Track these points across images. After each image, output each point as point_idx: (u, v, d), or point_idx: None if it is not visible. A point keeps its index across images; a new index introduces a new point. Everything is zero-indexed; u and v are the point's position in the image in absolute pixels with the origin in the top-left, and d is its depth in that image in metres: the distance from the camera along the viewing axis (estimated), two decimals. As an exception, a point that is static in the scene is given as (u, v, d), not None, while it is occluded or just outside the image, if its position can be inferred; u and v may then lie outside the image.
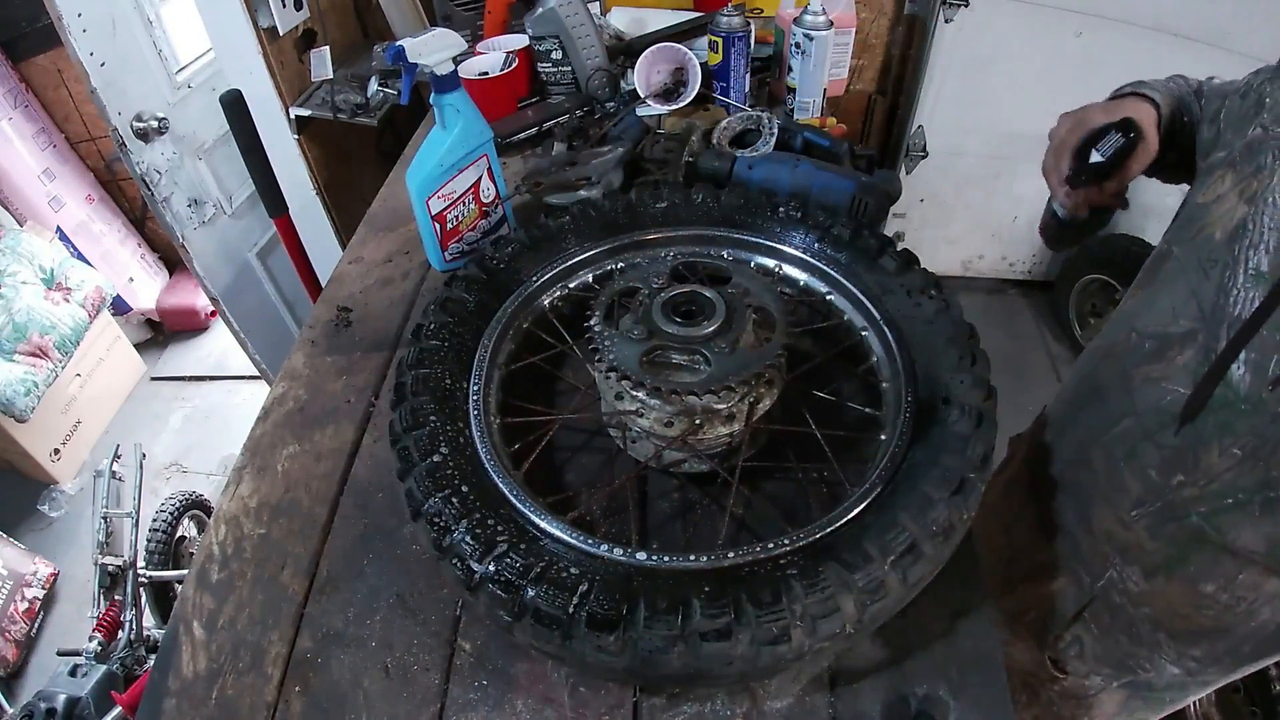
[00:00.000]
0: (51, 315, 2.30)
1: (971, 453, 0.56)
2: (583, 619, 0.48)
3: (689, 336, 0.65)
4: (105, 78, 1.51)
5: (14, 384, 2.14)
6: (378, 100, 1.61)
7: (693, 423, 0.66)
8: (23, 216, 2.48)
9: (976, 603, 0.63)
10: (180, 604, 0.68)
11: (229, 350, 2.68)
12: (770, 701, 0.58)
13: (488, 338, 0.73)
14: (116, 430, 2.58)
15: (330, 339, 0.94)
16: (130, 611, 1.51)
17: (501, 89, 1.31)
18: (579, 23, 1.28)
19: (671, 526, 0.69)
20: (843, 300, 0.77)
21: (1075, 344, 2.48)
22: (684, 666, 0.48)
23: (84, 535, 2.19)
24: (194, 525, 1.90)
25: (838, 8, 1.28)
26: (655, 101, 1.26)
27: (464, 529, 0.53)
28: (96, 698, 1.34)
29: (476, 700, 0.60)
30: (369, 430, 0.82)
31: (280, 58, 1.60)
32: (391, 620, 0.65)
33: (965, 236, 2.61)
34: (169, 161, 1.71)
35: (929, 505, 0.53)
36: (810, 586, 0.48)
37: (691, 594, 0.49)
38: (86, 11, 1.45)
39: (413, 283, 1.01)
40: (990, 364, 0.65)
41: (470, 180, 0.95)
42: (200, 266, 1.80)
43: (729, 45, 1.25)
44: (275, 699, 0.61)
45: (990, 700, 0.57)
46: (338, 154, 1.84)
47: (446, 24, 1.59)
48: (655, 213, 0.87)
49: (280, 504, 0.75)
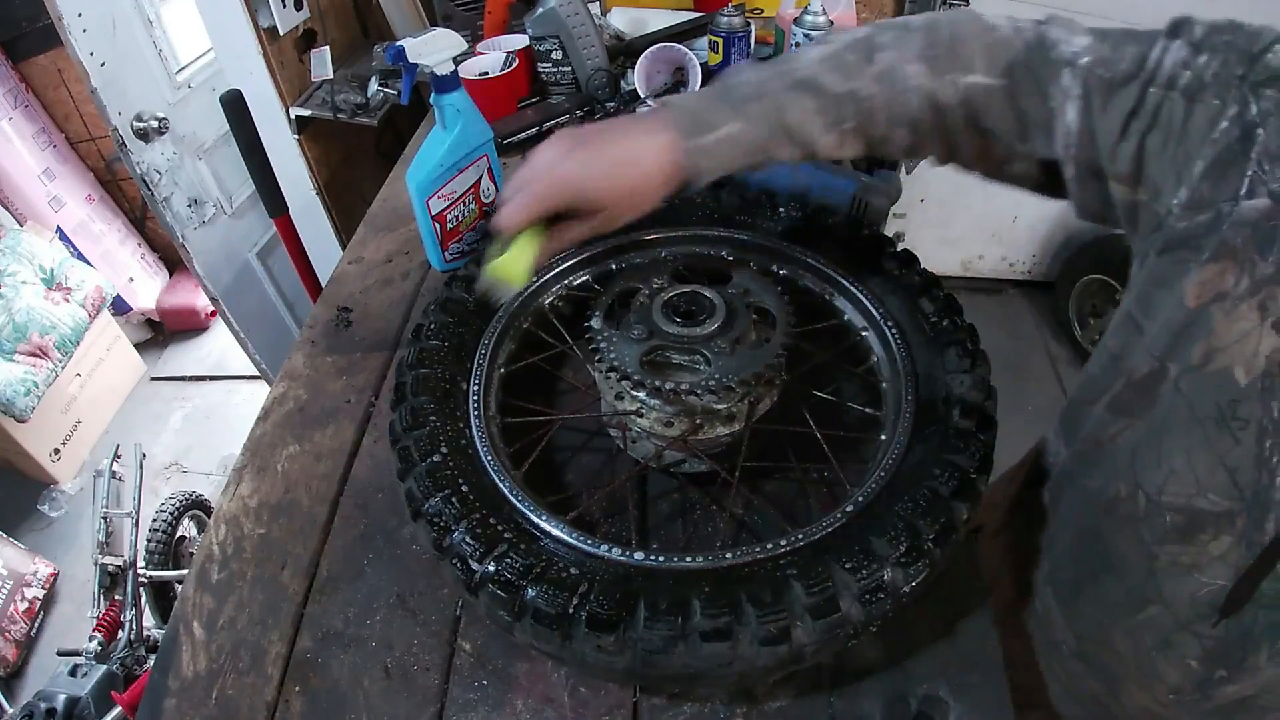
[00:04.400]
0: (51, 315, 2.30)
1: (972, 452, 0.56)
2: (583, 619, 0.48)
3: (689, 336, 0.65)
4: (105, 78, 1.51)
5: (14, 384, 2.14)
6: (378, 100, 1.61)
7: (693, 423, 0.66)
8: (23, 216, 2.48)
9: (976, 603, 0.63)
10: (180, 604, 0.68)
11: (229, 350, 2.68)
12: (770, 701, 0.58)
13: (488, 338, 0.73)
14: (116, 430, 2.58)
15: (330, 339, 0.94)
16: (130, 611, 1.51)
17: (502, 89, 1.31)
18: (579, 23, 1.28)
19: (671, 526, 0.69)
20: (843, 300, 0.77)
21: (1075, 344, 2.48)
22: (684, 666, 0.48)
23: (84, 535, 2.19)
24: (194, 525, 1.90)
25: (838, 8, 1.28)
26: (655, 102, 1.26)
27: (464, 529, 0.53)
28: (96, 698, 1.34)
29: (476, 700, 0.60)
30: (369, 430, 0.82)
31: (280, 58, 1.60)
32: (391, 620, 0.65)
33: (965, 236, 2.61)
34: (169, 161, 1.71)
35: (929, 505, 0.53)
36: (810, 586, 0.48)
37: (691, 594, 0.49)
38: (86, 11, 1.45)
39: (413, 283, 1.02)
40: (990, 364, 0.65)
41: (470, 180, 0.95)
42: (200, 266, 1.80)
43: (729, 45, 1.25)
44: (275, 699, 0.61)
45: (990, 700, 0.57)
46: (338, 154, 1.84)
47: (446, 24, 1.59)
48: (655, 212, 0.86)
49: (280, 504, 0.75)
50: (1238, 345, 0.47)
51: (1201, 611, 0.55)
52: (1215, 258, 0.48)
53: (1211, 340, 0.49)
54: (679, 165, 0.56)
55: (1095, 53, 0.53)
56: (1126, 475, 0.57)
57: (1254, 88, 0.46)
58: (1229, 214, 0.47)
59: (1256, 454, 0.48)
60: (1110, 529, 0.61)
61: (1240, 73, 0.47)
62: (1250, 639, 0.53)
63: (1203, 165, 0.48)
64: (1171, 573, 0.56)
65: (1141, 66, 0.50)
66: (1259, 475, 0.48)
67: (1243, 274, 0.46)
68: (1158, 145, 0.50)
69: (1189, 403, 0.51)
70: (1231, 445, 0.49)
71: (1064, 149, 0.55)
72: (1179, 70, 0.49)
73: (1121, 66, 0.51)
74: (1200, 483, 0.52)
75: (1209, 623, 0.55)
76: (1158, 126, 0.50)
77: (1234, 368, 0.48)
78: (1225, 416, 0.49)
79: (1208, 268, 0.48)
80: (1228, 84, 0.47)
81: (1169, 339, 0.52)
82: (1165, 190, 0.51)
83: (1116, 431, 0.59)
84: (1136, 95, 0.50)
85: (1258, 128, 0.45)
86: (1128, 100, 0.51)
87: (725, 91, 0.58)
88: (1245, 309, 0.47)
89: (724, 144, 0.56)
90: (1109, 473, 0.60)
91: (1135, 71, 0.50)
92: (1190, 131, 0.48)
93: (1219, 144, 0.47)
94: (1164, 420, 0.54)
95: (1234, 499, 0.50)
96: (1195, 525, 0.53)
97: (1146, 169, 0.51)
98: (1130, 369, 0.57)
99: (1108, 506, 0.60)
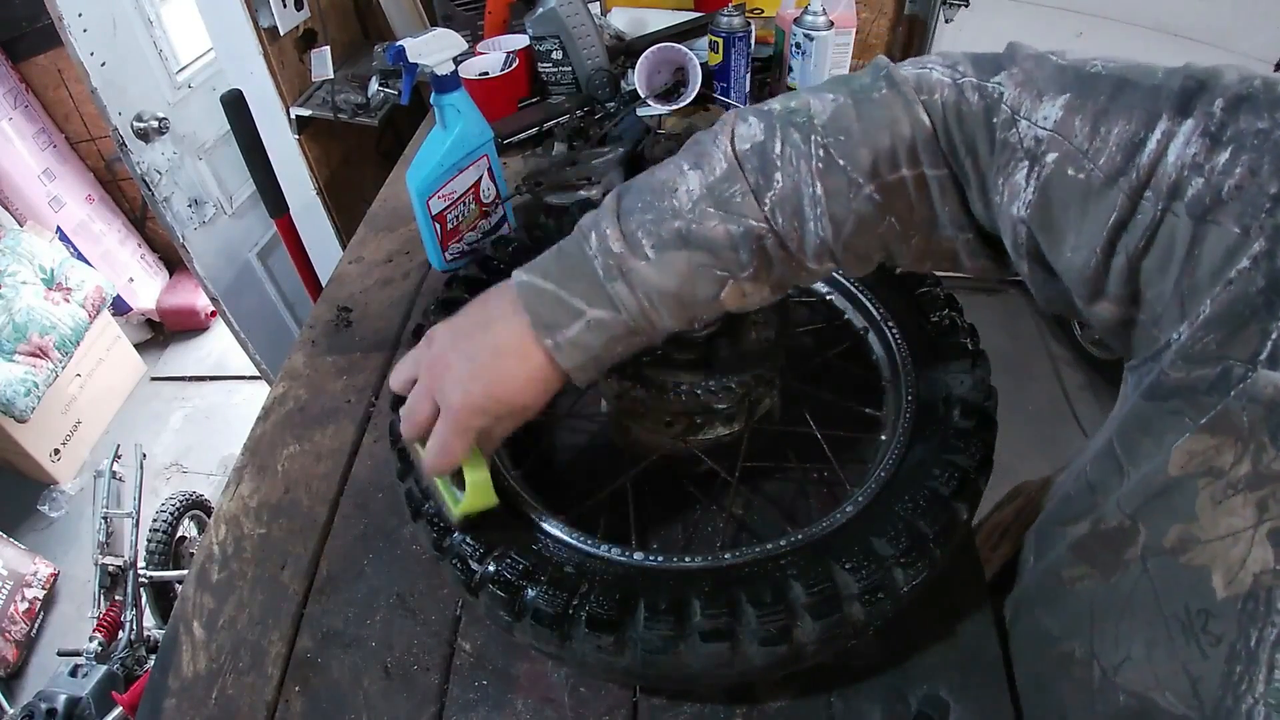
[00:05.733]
0: (51, 315, 2.30)
1: (972, 452, 0.56)
2: (583, 619, 0.48)
3: (689, 336, 0.65)
4: (105, 78, 1.51)
5: (14, 384, 2.14)
6: (378, 100, 1.61)
7: (693, 423, 0.66)
8: (23, 216, 2.48)
9: (976, 603, 0.63)
10: (180, 604, 0.68)
11: (229, 350, 2.68)
12: (770, 701, 0.58)
13: (488, 338, 0.73)
14: (116, 430, 2.58)
15: (330, 339, 0.94)
16: (130, 611, 1.51)
17: (502, 89, 1.31)
18: (579, 23, 1.28)
19: (671, 526, 0.69)
20: (843, 300, 0.77)
21: (1075, 344, 2.48)
22: (684, 666, 0.48)
23: (84, 535, 2.19)
24: (194, 525, 1.90)
25: (838, 8, 1.28)
26: (655, 102, 1.26)
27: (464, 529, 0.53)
28: (97, 698, 1.34)
29: (476, 700, 0.59)
30: (369, 430, 0.82)
31: (281, 58, 1.60)
32: (391, 620, 0.65)
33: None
34: (169, 161, 1.71)
35: (929, 505, 0.53)
36: (810, 586, 0.48)
37: (691, 594, 0.49)
38: (86, 11, 1.45)
39: (413, 283, 1.01)
40: (990, 364, 0.65)
41: (470, 180, 0.95)
42: (200, 266, 1.80)
43: (729, 45, 1.25)
44: (275, 699, 0.60)
45: (990, 700, 0.57)
46: (338, 154, 1.84)
47: (447, 24, 1.59)
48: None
49: (280, 504, 0.75)
50: (1220, 545, 0.37)
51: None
52: (1213, 428, 0.37)
53: (1192, 527, 0.38)
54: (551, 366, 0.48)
55: (1071, 137, 0.39)
56: (1083, 637, 0.49)
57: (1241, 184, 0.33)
58: (1240, 379, 0.35)
59: (1224, 674, 0.38)
60: (1066, 688, 0.52)
61: (1275, 190, 0.33)
62: None
63: (1212, 309, 0.36)
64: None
65: (1132, 160, 0.37)
66: (1224, 695, 0.39)
67: (1245, 457, 0.36)
68: (1154, 269, 0.38)
69: (1156, 592, 0.42)
70: (1198, 657, 0.39)
71: (1015, 248, 0.44)
72: (1186, 175, 0.36)
73: (1102, 162, 0.38)
74: (1159, 679, 0.43)
75: None
76: (1155, 248, 0.38)
77: (1212, 572, 0.38)
78: (1194, 626, 0.39)
79: (1202, 437, 0.37)
80: (1256, 205, 0.33)
81: (1144, 500, 0.42)
82: (1165, 319, 0.39)
83: (1076, 576, 0.51)
84: (1125, 204, 0.38)
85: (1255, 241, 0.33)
86: (1110, 207, 0.38)
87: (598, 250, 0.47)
88: (1239, 503, 0.36)
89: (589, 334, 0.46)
90: (1067, 625, 0.52)
91: (1124, 166, 0.37)
92: (1198, 261, 0.36)
93: (1236, 289, 0.35)
94: (1127, 598, 0.45)
95: (1193, 708, 0.41)
96: (1151, 717, 0.44)
97: (1142, 291, 0.40)
98: (1099, 514, 0.48)
99: (1062, 662, 0.52)
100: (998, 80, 0.42)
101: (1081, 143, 0.39)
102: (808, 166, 0.44)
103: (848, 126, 0.44)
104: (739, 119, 0.48)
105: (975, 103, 0.43)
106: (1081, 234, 0.40)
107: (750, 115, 0.47)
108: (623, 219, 0.47)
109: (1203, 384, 0.37)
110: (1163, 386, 0.40)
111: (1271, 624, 0.35)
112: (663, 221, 0.46)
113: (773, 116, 0.46)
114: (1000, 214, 0.44)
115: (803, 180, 0.44)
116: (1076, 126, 0.39)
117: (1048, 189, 0.40)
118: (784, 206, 0.45)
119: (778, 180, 0.44)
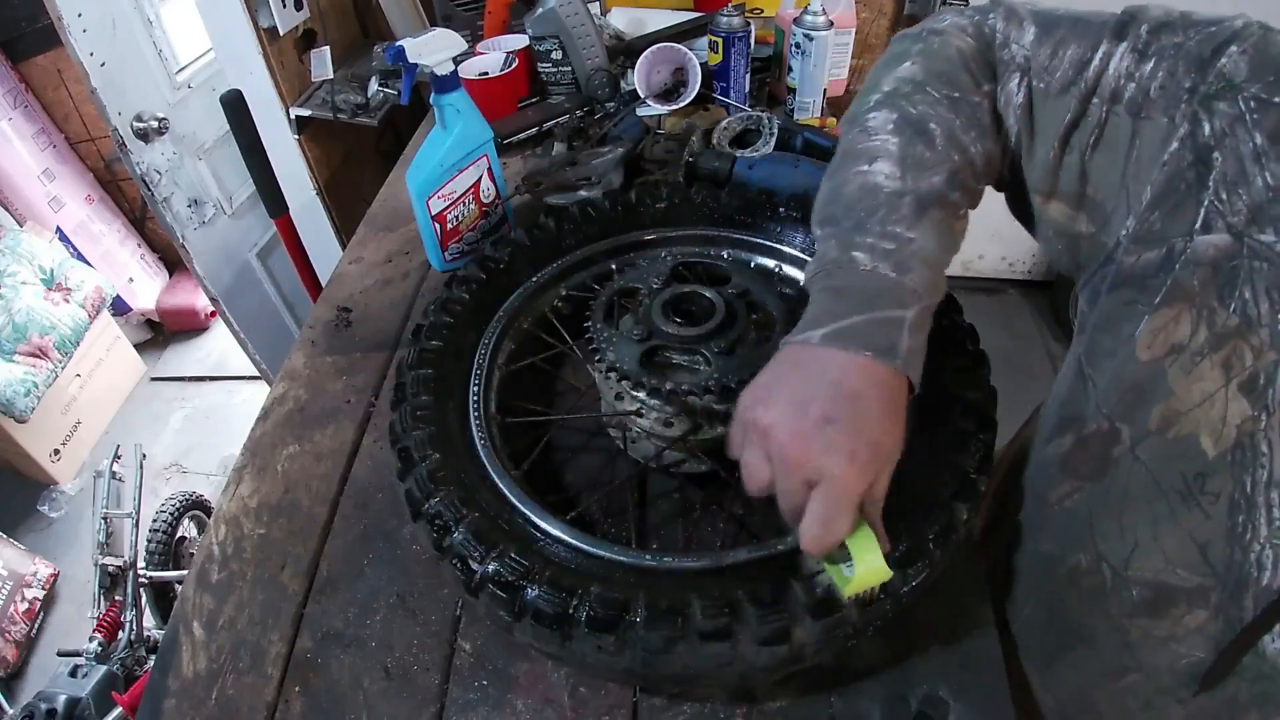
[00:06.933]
0: (51, 315, 2.30)
1: (972, 452, 0.56)
2: (583, 619, 0.48)
3: (689, 336, 0.65)
4: (105, 78, 1.51)
5: (14, 384, 2.14)
6: (378, 100, 1.61)
7: (693, 423, 0.66)
8: (23, 216, 2.48)
9: (976, 603, 0.63)
10: (180, 604, 0.68)
11: (229, 350, 2.68)
12: (770, 701, 0.58)
13: (488, 338, 0.73)
14: (116, 430, 2.58)
15: (330, 339, 0.94)
16: (130, 612, 1.51)
17: (501, 89, 1.31)
18: (579, 23, 1.28)
19: (671, 526, 0.69)
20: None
21: (1075, 344, 2.48)
22: (684, 666, 0.48)
23: (84, 536, 2.19)
24: (194, 525, 1.90)
25: (838, 8, 1.28)
26: (655, 101, 1.26)
27: (464, 529, 0.53)
28: (97, 698, 1.34)
29: (476, 700, 0.59)
30: (369, 430, 0.82)
31: (280, 58, 1.60)
32: (391, 620, 0.65)
33: (965, 237, 2.61)
34: (169, 161, 1.71)
35: (929, 505, 0.53)
36: (810, 587, 0.48)
37: (691, 594, 0.49)
38: (86, 11, 1.45)
39: (413, 283, 1.02)
40: (990, 364, 0.65)
41: (470, 180, 0.95)
42: (200, 267, 1.80)
43: (729, 45, 1.25)
44: (275, 699, 0.61)
45: (990, 700, 0.57)
46: (338, 154, 1.84)
47: (446, 24, 1.59)
48: (655, 213, 0.87)
49: (280, 504, 0.75)
50: (1201, 410, 0.41)
51: (1183, 680, 0.50)
52: (1168, 301, 0.41)
53: (1171, 403, 0.43)
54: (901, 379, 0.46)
55: (1035, 58, 0.49)
56: (1087, 546, 0.52)
57: (1205, 101, 0.40)
58: (1182, 251, 0.41)
59: (1229, 528, 0.42)
60: (1075, 601, 0.56)
61: (1189, 84, 0.41)
62: (1237, 706, 0.48)
63: (1152, 192, 0.42)
64: (1147, 643, 0.52)
65: (1081, 74, 0.46)
66: (1231, 551, 0.42)
67: (1200, 323, 0.41)
68: (1104, 164, 0.46)
69: (1150, 472, 0.46)
70: (1201, 520, 0.43)
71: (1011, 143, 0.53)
72: (1123, 82, 0.44)
73: (1058, 75, 0.47)
74: (1168, 557, 0.46)
75: (1190, 690, 0.50)
76: (1104, 143, 0.45)
77: (1199, 436, 0.42)
78: (1193, 490, 0.43)
79: (1160, 313, 0.42)
80: (1176, 98, 0.42)
81: (1119, 396, 0.47)
82: (1114, 218, 0.46)
83: (1065, 494, 0.54)
84: (1077, 108, 0.46)
85: (1213, 151, 0.39)
86: (1065, 109, 0.47)
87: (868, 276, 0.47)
88: (1206, 367, 0.40)
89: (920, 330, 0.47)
90: (1066, 542, 0.55)
91: (1075, 79, 0.46)
92: (1138, 152, 0.43)
93: (1170, 169, 0.42)
94: (1123, 490, 0.49)
95: (1205, 575, 0.44)
96: (1166, 600, 0.48)
97: (1091, 189, 0.47)
98: (1079, 425, 0.52)
99: (1070, 577, 0.55)
100: (992, 15, 0.53)
101: (1044, 62, 0.49)
102: (942, 109, 0.51)
103: (939, 70, 0.52)
104: (857, 120, 0.54)
105: (987, 32, 0.53)
106: (1045, 135, 0.49)
107: (867, 110, 0.53)
108: (863, 231, 0.48)
109: (1150, 267, 0.43)
110: (1115, 279, 0.46)
111: (1260, 465, 0.40)
112: (894, 207, 0.48)
113: (885, 98, 0.53)
114: (1004, 112, 0.52)
115: (943, 119, 0.51)
116: (1043, 52, 0.49)
117: (1030, 95, 0.50)
118: (952, 144, 0.51)
119: (933, 128, 0.50)
